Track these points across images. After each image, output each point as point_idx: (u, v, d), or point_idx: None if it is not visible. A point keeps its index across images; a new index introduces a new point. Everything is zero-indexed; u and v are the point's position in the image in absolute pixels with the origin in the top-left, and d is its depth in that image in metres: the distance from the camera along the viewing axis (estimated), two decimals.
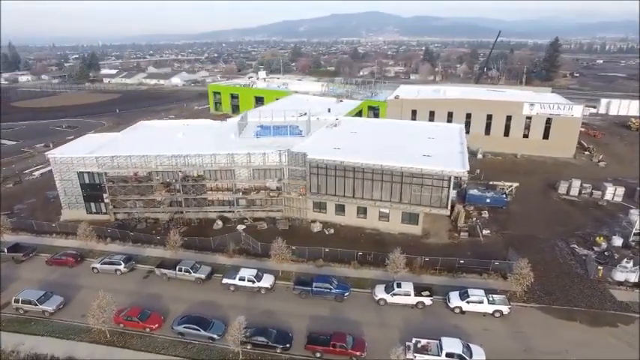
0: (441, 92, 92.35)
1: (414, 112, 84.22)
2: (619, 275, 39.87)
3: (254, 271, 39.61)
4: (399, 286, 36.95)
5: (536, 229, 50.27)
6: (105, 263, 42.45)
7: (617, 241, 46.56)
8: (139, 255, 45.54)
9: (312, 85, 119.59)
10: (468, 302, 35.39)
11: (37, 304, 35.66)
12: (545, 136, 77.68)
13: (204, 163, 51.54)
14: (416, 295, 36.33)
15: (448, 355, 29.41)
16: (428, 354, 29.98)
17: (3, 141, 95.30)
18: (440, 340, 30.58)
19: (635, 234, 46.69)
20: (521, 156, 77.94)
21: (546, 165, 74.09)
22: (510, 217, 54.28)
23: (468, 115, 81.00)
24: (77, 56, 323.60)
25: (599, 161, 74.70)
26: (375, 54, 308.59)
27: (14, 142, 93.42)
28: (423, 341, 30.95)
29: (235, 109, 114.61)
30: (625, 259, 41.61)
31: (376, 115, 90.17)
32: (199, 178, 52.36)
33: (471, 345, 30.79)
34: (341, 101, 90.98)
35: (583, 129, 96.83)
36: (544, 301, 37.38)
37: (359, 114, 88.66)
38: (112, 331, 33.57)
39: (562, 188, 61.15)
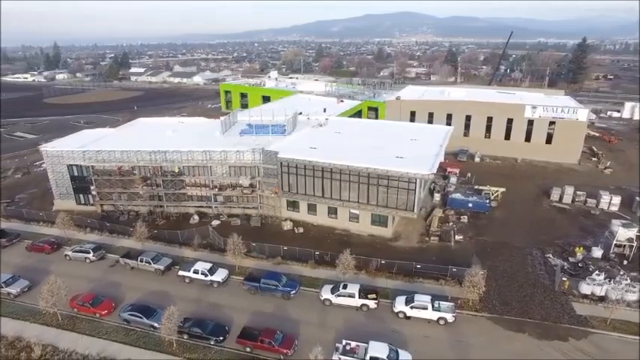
0: (446, 93, 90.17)
1: (413, 114, 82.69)
2: (585, 288, 37.72)
3: (208, 265, 40.58)
4: (344, 287, 36.71)
5: (514, 237, 48.27)
6: (76, 251, 44.79)
7: (597, 253, 44.00)
8: (112, 245, 47.71)
9: (319, 84, 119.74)
10: (411, 307, 34.63)
11: (1, 287, 38.19)
12: (548, 140, 74.20)
13: (182, 160, 53.12)
14: (360, 298, 35.95)
15: (372, 358, 28.96)
16: (354, 357, 29.65)
17: (23, 134, 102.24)
18: (368, 343, 30.19)
19: (616, 245, 43.90)
20: (522, 160, 74.89)
21: (547, 170, 70.80)
22: (491, 223, 52.38)
23: (468, 118, 78.74)
24: (114, 55, 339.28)
25: (605, 168, 70.51)
26: (400, 54, 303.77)
27: (34, 136, 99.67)
28: (353, 344, 30.63)
29: (244, 107, 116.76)
30: (596, 272, 39.41)
31: (376, 116, 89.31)
32: (178, 173, 53.99)
33: (400, 351, 30.20)
34: (342, 101, 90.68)
35: (598, 134, 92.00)
36: (497, 311, 35.93)
37: (358, 114, 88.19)
38: (63, 315, 35.47)
39: (554, 195, 58.36)
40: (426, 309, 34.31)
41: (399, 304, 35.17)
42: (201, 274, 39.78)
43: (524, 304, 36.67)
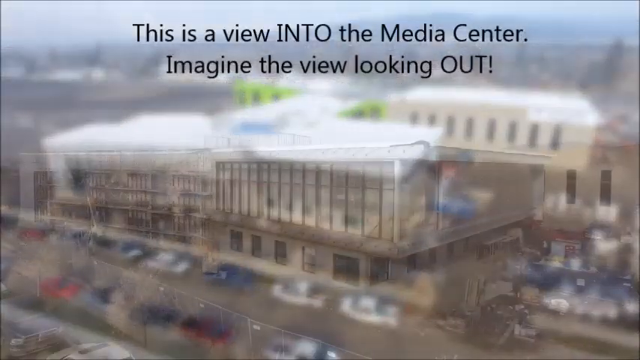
0: (452, 95, 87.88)
1: (413, 115, 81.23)
2: (549, 300, 36.11)
3: (174, 256, 42.27)
4: (296, 284, 37.21)
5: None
6: (60, 238, 47.79)
7: (575, 264, 41.88)
8: (95, 234, 50.51)
9: (329, 84, 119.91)
10: (356, 309, 34.58)
11: None
12: (553, 145, 70.69)
13: (167, 156, 55.29)
14: (309, 296, 36.26)
15: (297, 355, 29.20)
16: (282, 352, 29.97)
17: None
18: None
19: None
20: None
21: (547, 176, 67.48)
22: None
23: (469, 120, 76.40)
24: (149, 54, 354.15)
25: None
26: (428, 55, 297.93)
27: None
28: (285, 340, 30.84)
29: (257, 105, 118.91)
30: (566, 284, 37.61)
31: (378, 117, 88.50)
32: (163, 169, 56.26)
33: (328, 350, 30.22)
34: (345, 102, 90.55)
35: (617, 140, 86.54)
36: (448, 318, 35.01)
37: (360, 115, 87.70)
38: None
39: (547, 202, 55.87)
40: (370, 312, 34.10)
41: (345, 305, 35.14)
42: (166, 264, 41.51)
43: (479, 313, 35.51)
